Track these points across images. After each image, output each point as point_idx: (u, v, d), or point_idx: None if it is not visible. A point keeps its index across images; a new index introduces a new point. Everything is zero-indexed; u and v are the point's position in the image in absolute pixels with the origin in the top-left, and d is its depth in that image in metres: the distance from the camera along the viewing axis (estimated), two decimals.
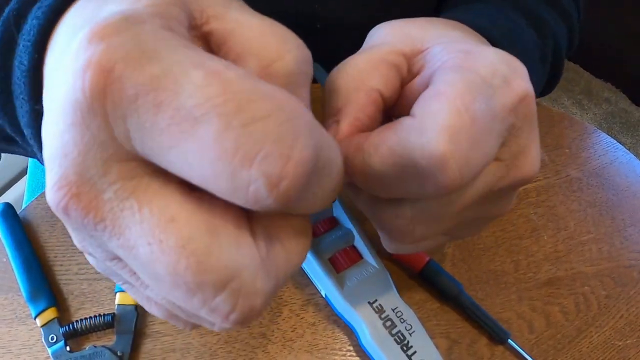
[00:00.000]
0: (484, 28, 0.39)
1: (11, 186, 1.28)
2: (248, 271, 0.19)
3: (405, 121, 0.26)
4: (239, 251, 0.19)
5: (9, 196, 1.26)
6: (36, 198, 0.54)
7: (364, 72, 0.30)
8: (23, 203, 0.86)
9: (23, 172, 1.28)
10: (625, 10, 2.21)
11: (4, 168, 1.26)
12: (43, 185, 0.81)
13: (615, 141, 0.66)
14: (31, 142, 0.29)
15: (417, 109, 0.26)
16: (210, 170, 0.17)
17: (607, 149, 0.65)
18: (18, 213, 0.52)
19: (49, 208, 0.52)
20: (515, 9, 0.50)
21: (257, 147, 0.17)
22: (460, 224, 0.32)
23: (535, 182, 0.60)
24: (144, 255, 0.19)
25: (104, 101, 0.18)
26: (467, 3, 0.52)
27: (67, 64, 0.19)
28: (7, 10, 0.30)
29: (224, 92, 0.17)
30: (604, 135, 0.67)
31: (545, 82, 0.57)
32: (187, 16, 0.22)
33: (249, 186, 0.17)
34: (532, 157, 0.30)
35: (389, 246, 0.34)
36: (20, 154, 0.42)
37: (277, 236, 0.21)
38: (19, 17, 0.29)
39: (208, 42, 0.24)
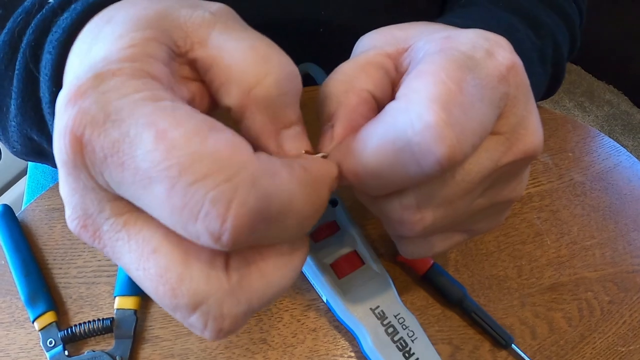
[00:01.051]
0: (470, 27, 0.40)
1: (10, 187, 1.28)
2: (214, 298, 0.22)
3: (388, 106, 0.26)
4: (208, 281, 0.22)
5: (9, 197, 1.26)
6: (35, 200, 0.54)
7: (351, 75, 0.30)
8: (22, 204, 0.86)
9: (22, 173, 1.28)
10: (627, 12, 2.22)
11: (4, 169, 1.26)
12: (43, 187, 0.82)
13: (618, 145, 0.66)
14: (49, 124, 0.33)
15: (399, 92, 0.26)
16: (169, 219, 0.21)
17: (611, 152, 0.65)
18: (17, 215, 0.52)
19: (47, 210, 0.52)
20: (512, 12, 0.50)
21: (198, 206, 0.19)
22: (475, 214, 0.31)
23: (538, 186, 0.59)
24: (136, 277, 0.23)
25: (83, 160, 0.21)
26: (464, 7, 0.52)
27: (55, 124, 0.22)
28: (24, 40, 0.33)
29: (168, 157, 0.19)
30: (607, 139, 0.67)
31: (547, 83, 0.57)
32: (168, 48, 0.24)
33: (199, 237, 0.20)
34: (533, 128, 0.29)
35: (404, 251, 0.34)
36: (51, 166, 0.45)
37: (255, 263, 0.23)
38: (37, 48, 0.32)
39: (195, 67, 0.26)
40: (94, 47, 0.25)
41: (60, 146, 0.22)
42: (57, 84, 0.30)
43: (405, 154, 0.24)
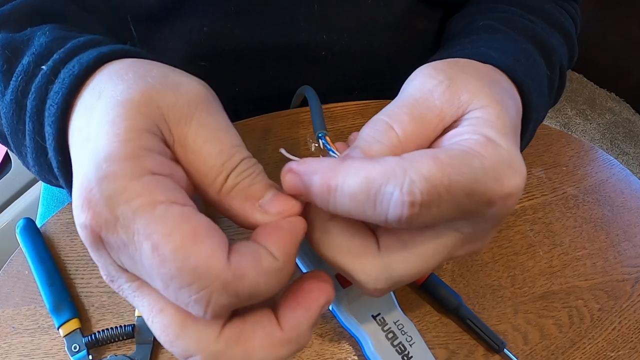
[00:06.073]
0: (510, 68, 0.41)
1: (23, 193, 1.29)
2: (202, 355, 0.27)
3: (391, 159, 0.29)
4: (198, 341, 0.27)
5: (22, 203, 1.27)
6: (56, 214, 0.56)
7: (407, 145, 0.33)
8: (37, 212, 0.87)
9: (35, 180, 1.29)
10: (629, 20, 2.22)
11: (16, 176, 1.27)
12: (58, 199, 0.83)
13: (611, 157, 0.68)
14: (61, 181, 0.37)
15: (409, 154, 0.29)
16: (170, 298, 0.27)
17: (604, 165, 0.67)
18: (39, 227, 0.54)
19: (68, 224, 0.54)
20: (527, 38, 0.51)
21: (185, 302, 0.26)
22: None
23: (532, 199, 0.62)
24: (148, 323, 0.29)
25: (103, 247, 0.27)
26: (487, 32, 0.52)
27: (75, 216, 0.28)
28: (28, 105, 0.36)
29: (161, 267, 0.25)
30: (600, 152, 0.69)
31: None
32: (160, 138, 0.29)
33: (191, 312, 0.27)
34: (488, 238, 0.35)
35: None
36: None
37: (243, 340, 0.28)
38: (39, 114, 0.36)
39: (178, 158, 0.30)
40: (92, 134, 0.29)
41: (83, 236, 0.27)
42: (61, 154, 0.34)
43: (382, 201, 0.28)
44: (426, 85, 0.35)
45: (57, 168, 0.35)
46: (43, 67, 0.36)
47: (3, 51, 0.39)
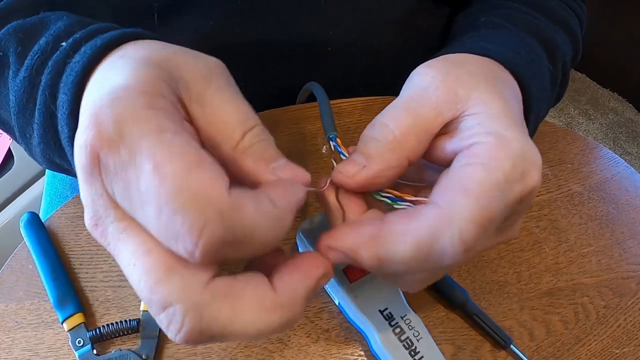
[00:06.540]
0: (509, 61, 0.41)
1: (26, 189, 1.29)
2: (181, 306, 0.25)
3: (429, 212, 0.30)
4: (183, 288, 0.25)
5: (25, 198, 1.27)
6: (60, 208, 0.56)
7: (404, 134, 0.33)
8: (40, 208, 0.87)
9: (37, 176, 1.29)
10: (631, 19, 2.21)
11: (19, 172, 1.27)
12: (61, 195, 0.83)
13: (616, 156, 0.68)
14: (68, 154, 0.36)
15: (441, 198, 0.30)
16: (157, 233, 0.25)
17: (609, 163, 0.67)
18: (43, 221, 0.54)
19: (73, 217, 0.54)
20: (530, 34, 0.51)
21: (177, 229, 0.24)
22: None
23: (538, 196, 0.61)
24: (126, 271, 0.27)
25: (98, 170, 0.26)
26: (489, 28, 0.52)
27: (77, 137, 0.27)
28: (42, 80, 0.36)
29: (160, 185, 0.24)
30: (605, 150, 0.69)
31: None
32: (175, 92, 0.29)
33: (178, 251, 0.25)
34: (516, 228, 0.35)
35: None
36: (74, 177, 0.50)
37: (231, 296, 0.26)
38: (53, 87, 0.35)
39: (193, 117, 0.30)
40: (109, 75, 0.29)
41: (80, 157, 0.26)
42: (74, 121, 0.34)
43: (435, 255, 0.30)
44: (421, 83, 0.35)
45: (67, 137, 0.35)
46: (63, 43, 0.36)
47: (16, 34, 0.39)
